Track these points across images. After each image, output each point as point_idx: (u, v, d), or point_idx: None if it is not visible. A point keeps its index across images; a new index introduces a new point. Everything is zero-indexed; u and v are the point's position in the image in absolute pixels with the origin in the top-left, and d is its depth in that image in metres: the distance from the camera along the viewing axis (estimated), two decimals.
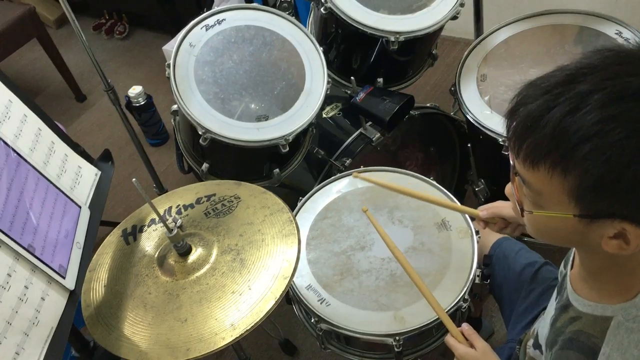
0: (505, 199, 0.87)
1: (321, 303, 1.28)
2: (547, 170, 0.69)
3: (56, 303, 1.05)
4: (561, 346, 0.85)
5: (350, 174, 1.52)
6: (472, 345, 1.07)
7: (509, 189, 0.83)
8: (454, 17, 1.63)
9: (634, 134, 0.62)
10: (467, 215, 1.37)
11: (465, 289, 1.24)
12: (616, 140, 0.63)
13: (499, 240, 1.38)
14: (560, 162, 0.67)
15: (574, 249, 0.93)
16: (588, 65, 0.67)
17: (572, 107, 0.65)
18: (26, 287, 0.99)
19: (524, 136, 0.70)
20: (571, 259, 0.93)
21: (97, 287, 1.14)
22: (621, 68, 0.65)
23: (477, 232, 1.33)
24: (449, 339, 1.10)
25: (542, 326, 1.03)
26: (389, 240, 1.24)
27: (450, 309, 1.21)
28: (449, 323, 1.11)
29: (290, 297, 1.36)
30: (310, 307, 1.27)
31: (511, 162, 0.76)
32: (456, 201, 1.40)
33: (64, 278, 1.07)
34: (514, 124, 0.72)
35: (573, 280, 0.89)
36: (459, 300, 1.23)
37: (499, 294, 1.35)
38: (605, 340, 0.77)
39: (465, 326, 1.10)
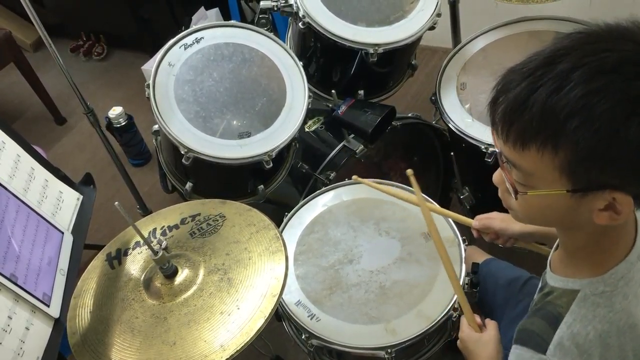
0: (493, 203, 0.87)
1: (311, 319, 1.27)
2: (538, 150, 0.71)
3: (41, 332, 1.02)
4: (528, 315, 0.89)
5: (334, 187, 1.52)
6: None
7: (496, 177, 0.84)
8: (432, 27, 1.65)
9: (619, 104, 0.65)
10: (453, 224, 1.37)
11: (455, 297, 1.24)
12: (603, 110, 0.65)
13: (485, 260, 1.41)
14: (551, 139, 0.69)
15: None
16: (564, 47, 0.70)
17: (556, 85, 0.67)
18: (10, 318, 0.97)
19: (511, 120, 0.72)
20: (555, 245, 0.96)
21: (82, 314, 1.12)
22: (596, 46, 0.68)
23: (464, 241, 1.34)
24: (462, 319, 1.13)
25: None
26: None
27: (441, 319, 1.21)
28: (465, 305, 1.12)
29: (279, 314, 1.35)
30: (301, 323, 1.26)
31: (497, 150, 0.78)
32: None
33: (48, 306, 1.05)
34: (499, 110, 0.73)
35: (552, 262, 0.92)
36: (449, 309, 1.22)
37: (488, 309, 1.36)
38: (570, 310, 0.80)
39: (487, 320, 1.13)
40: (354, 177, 1.45)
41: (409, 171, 1.24)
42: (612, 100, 0.65)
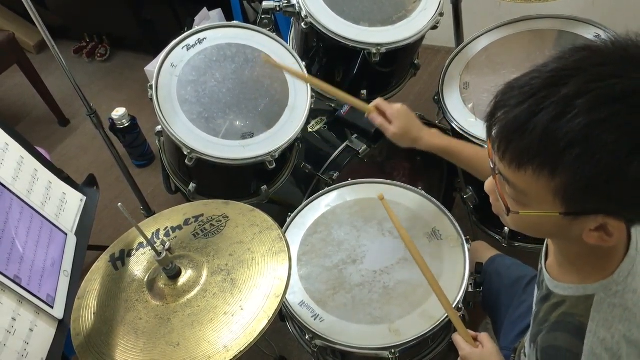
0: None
1: (315, 319, 1.27)
2: (534, 172, 0.69)
3: (45, 333, 1.03)
4: (547, 330, 0.86)
5: (337, 187, 1.52)
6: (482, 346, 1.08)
7: (488, 185, 0.84)
8: (434, 27, 1.65)
9: (623, 137, 0.63)
10: (457, 224, 1.37)
11: (458, 297, 1.24)
12: (605, 144, 0.63)
13: (492, 257, 1.40)
14: (548, 165, 0.68)
15: (546, 242, 0.96)
16: (569, 67, 0.67)
17: (558, 111, 0.65)
18: (14, 319, 0.97)
19: (509, 139, 0.70)
20: (544, 251, 0.95)
21: (86, 315, 1.12)
22: (604, 69, 0.65)
23: (467, 241, 1.33)
24: (456, 337, 1.10)
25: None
26: (404, 233, 1.19)
27: (445, 318, 1.21)
28: (457, 322, 1.11)
29: (283, 315, 1.35)
30: (304, 323, 1.26)
31: (491, 164, 0.77)
32: (445, 210, 1.41)
33: (52, 308, 1.06)
34: (498, 126, 0.72)
35: (550, 270, 0.91)
36: (454, 310, 1.22)
37: (493, 309, 1.35)
38: (590, 317, 0.79)
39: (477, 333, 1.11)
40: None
41: (380, 195, 1.22)
42: (616, 134, 0.63)
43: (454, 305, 1.22)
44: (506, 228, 1.72)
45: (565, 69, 0.67)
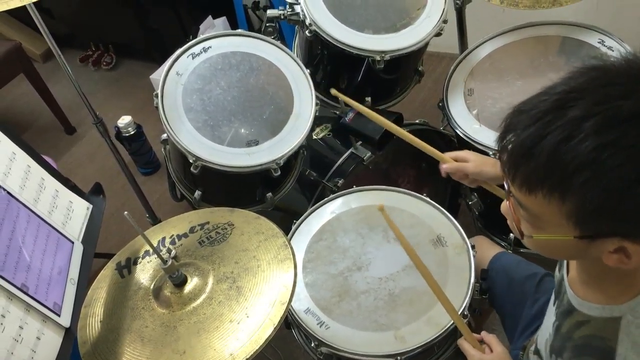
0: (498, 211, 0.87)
1: (320, 326, 1.27)
2: (544, 196, 0.69)
3: (52, 342, 1.03)
4: (574, 354, 0.84)
5: (342, 194, 1.52)
6: (490, 350, 1.08)
7: (505, 207, 0.82)
8: (438, 34, 1.65)
9: (630, 160, 0.63)
10: (462, 231, 1.37)
11: (464, 304, 1.24)
12: (613, 167, 0.63)
13: (497, 254, 1.38)
14: (558, 189, 0.67)
15: None
16: (576, 89, 0.67)
17: (565, 134, 0.65)
18: (21, 327, 0.98)
19: (518, 164, 0.70)
20: (565, 263, 0.94)
21: (93, 323, 1.12)
22: (610, 90, 0.65)
23: (473, 247, 1.33)
24: (463, 343, 1.10)
25: (541, 333, 1.02)
26: (406, 241, 1.19)
27: (451, 325, 1.21)
28: (463, 328, 1.10)
29: (289, 322, 1.35)
30: (310, 331, 1.26)
31: (505, 186, 0.77)
32: (450, 216, 1.41)
33: (59, 316, 1.06)
34: (507, 150, 0.72)
35: (573, 285, 0.89)
36: (459, 315, 1.22)
37: (501, 306, 1.34)
38: (619, 341, 0.77)
39: (484, 333, 1.11)
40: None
41: (380, 206, 1.20)
42: (624, 156, 0.62)
43: (459, 312, 1.22)
44: (511, 234, 1.72)
45: (572, 90, 0.67)
